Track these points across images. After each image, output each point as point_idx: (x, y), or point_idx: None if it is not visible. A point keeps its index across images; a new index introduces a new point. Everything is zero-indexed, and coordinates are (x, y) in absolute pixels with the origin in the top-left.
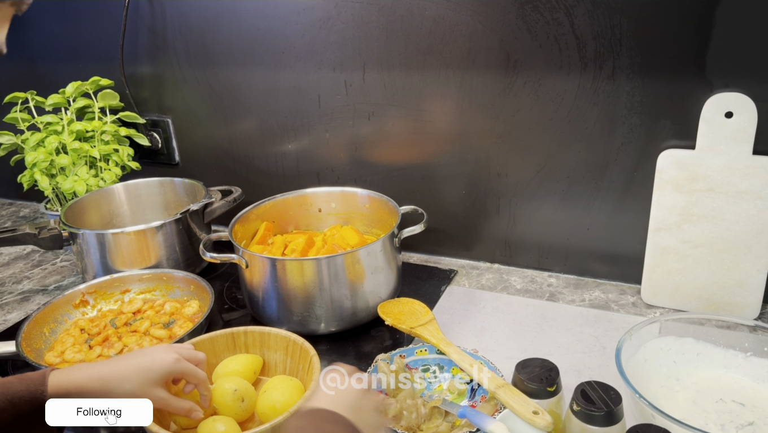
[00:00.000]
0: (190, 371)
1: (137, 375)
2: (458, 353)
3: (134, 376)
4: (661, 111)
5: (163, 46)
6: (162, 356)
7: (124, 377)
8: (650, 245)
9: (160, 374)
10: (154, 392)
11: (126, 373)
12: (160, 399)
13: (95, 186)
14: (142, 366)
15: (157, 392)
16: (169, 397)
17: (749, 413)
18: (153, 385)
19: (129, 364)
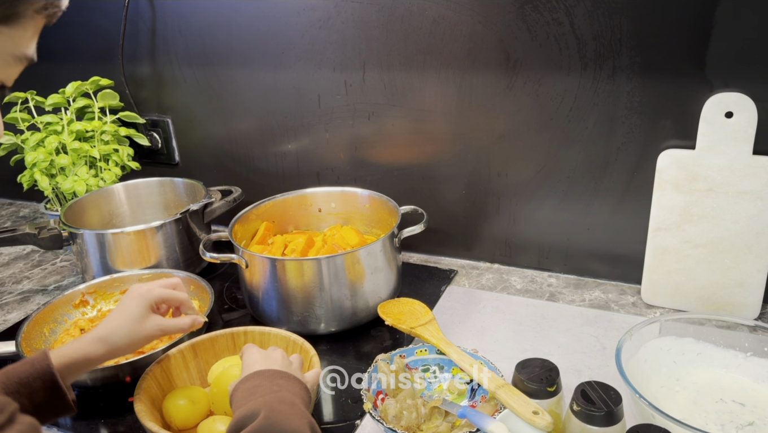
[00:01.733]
0: (168, 295)
1: (124, 319)
2: (458, 353)
3: (122, 321)
4: (661, 111)
5: (163, 46)
6: (136, 294)
7: (115, 327)
8: (650, 245)
9: (142, 307)
10: (147, 325)
11: (115, 323)
12: (156, 327)
13: (95, 186)
14: (124, 311)
15: (150, 322)
16: (164, 321)
17: (749, 413)
18: (142, 319)
19: (112, 316)
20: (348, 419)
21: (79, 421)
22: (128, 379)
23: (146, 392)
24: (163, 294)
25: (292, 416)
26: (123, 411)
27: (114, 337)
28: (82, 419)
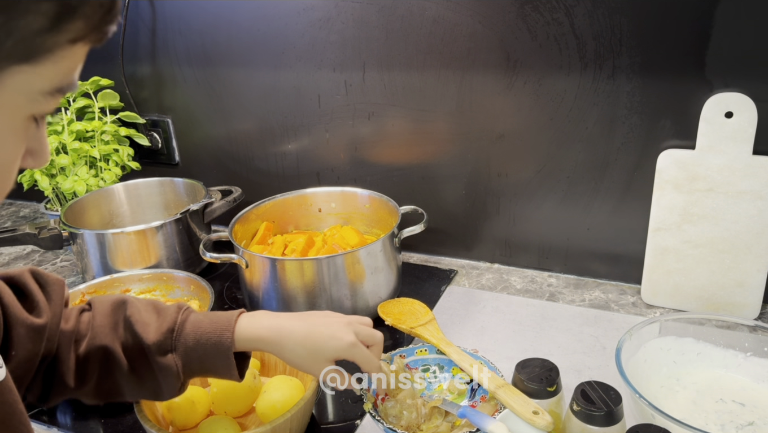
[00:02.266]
0: (362, 360)
1: (308, 349)
2: (458, 353)
3: (306, 347)
4: (661, 111)
5: (163, 47)
6: (339, 337)
7: (296, 344)
8: (650, 245)
9: (329, 356)
10: (318, 368)
11: (299, 341)
12: (318, 372)
13: (95, 186)
14: (316, 341)
15: (318, 366)
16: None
17: (749, 413)
18: (320, 362)
19: (306, 331)
20: (348, 419)
21: (79, 421)
22: None
23: None
24: (358, 359)
25: None
26: (123, 411)
27: (288, 350)
28: (82, 419)
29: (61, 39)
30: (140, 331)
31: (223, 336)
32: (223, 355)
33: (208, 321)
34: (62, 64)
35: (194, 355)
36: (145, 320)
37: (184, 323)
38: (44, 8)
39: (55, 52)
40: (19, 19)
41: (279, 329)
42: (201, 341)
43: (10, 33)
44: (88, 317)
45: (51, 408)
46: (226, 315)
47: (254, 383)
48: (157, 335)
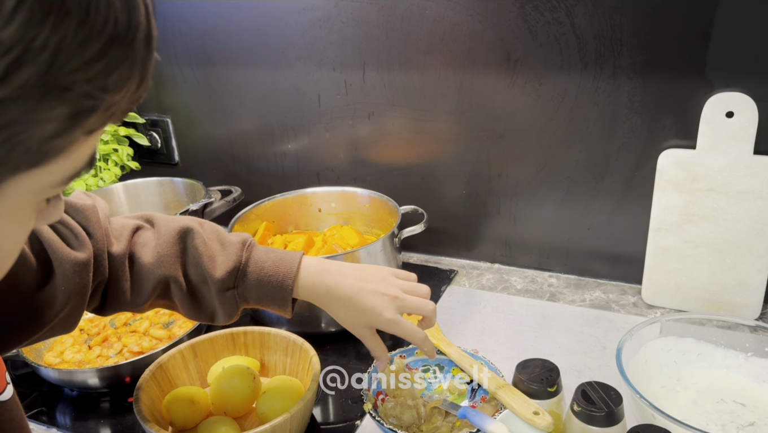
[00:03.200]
0: (404, 335)
1: (351, 313)
2: (458, 353)
3: (349, 311)
4: (661, 111)
5: (162, 46)
6: (379, 311)
7: (341, 306)
8: (651, 245)
9: (369, 325)
10: (358, 330)
11: (344, 303)
12: (362, 336)
13: (94, 186)
14: (358, 308)
15: (362, 331)
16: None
17: (750, 413)
18: (362, 327)
19: (352, 294)
20: (348, 420)
21: (79, 421)
22: (128, 379)
23: (146, 393)
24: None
25: None
26: (123, 411)
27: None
28: (82, 419)
29: (76, 135)
30: (206, 265)
31: (285, 282)
32: (282, 299)
33: (270, 262)
34: (77, 154)
35: (254, 292)
36: (211, 253)
37: (247, 262)
38: (56, 113)
39: (68, 149)
40: (23, 133)
41: (328, 287)
42: (262, 283)
43: (15, 147)
44: (145, 239)
45: (50, 409)
46: (288, 258)
47: (254, 384)
48: (222, 273)
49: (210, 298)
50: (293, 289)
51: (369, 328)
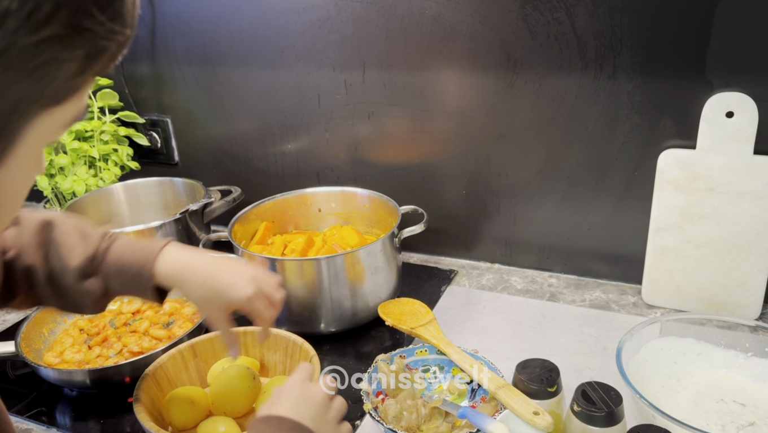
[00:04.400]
0: (256, 314)
1: (207, 291)
2: (458, 353)
3: (205, 289)
4: (661, 110)
5: (162, 46)
6: (239, 287)
7: (197, 284)
8: (651, 245)
9: (227, 303)
10: (211, 312)
11: (200, 281)
12: (213, 320)
13: (94, 186)
14: (215, 286)
15: (215, 313)
16: (223, 323)
17: (750, 413)
18: (217, 309)
19: (208, 273)
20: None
21: (79, 421)
22: (128, 379)
23: (146, 393)
24: (254, 312)
25: None
26: (122, 412)
27: (190, 289)
28: (82, 419)
29: (87, 76)
30: (64, 254)
31: (144, 268)
32: (143, 285)
33: (131, 251)
34: (83, 96)
35: (116, 280)
36: (70, 243)
37: (107, 250)
38: (79, 53)
39: (81, 89)
40: (57, 69)
41: (183, 266)
42: (123, 269)
43: (50, 83)
44: (13, 233)
45: (50, 409)
46: (149, 246)
47: (254, 384)
48: (80, 260)
49: (72, 287)
50: (153, 274)
51: (223, 310)
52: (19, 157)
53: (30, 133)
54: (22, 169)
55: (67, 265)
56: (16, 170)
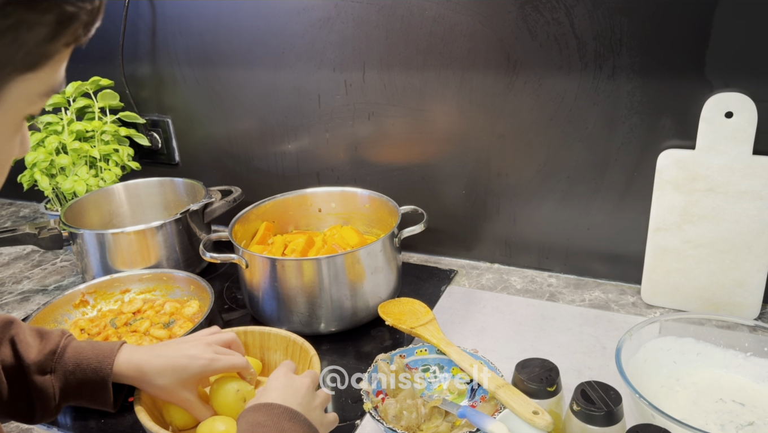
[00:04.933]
0: (225, 368)
1: (171, 373)
2: (458, 353)
3: (169, 373)
4: (661, 111)
5: (163, 47)
6: (198, 356)
7: (159, 372)
8: (650, 245)
9: (192, 376)
10: (180, 394)
11: (163, 368)
12: (185, 401)
13: (95, 186)
14: (178, 365)
15: (184, 393)
16: (194, 401)
17: (749, 413)
18: (183, 386)
19: (165, 361)
20: (348, 419)
21: (79, 421)
22: None
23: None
24: (222, 369)
25: None
26: (123, 411)
27: (152, 380)
28: (82, 419)
29: (60, 44)
30: (22, 351)
31: (104, 363)
32: (102, 382)
33: (90, 348)
34: (57, 66)
35: (73, 379)
36: (29, 341)
37: (66, 347)
38: (47, 19)
39: (54, 57)
40: (27, 33)
41: (138, 365)
42: (81, 366)
43: (20, 47)
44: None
45: None
46: (109, 345)
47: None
48: (39, 356)
49: (26, 388)
50: (112, 369)
51: (192, 388)
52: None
53: (6, 98)
54: (2, 137)
55: (25, 360)
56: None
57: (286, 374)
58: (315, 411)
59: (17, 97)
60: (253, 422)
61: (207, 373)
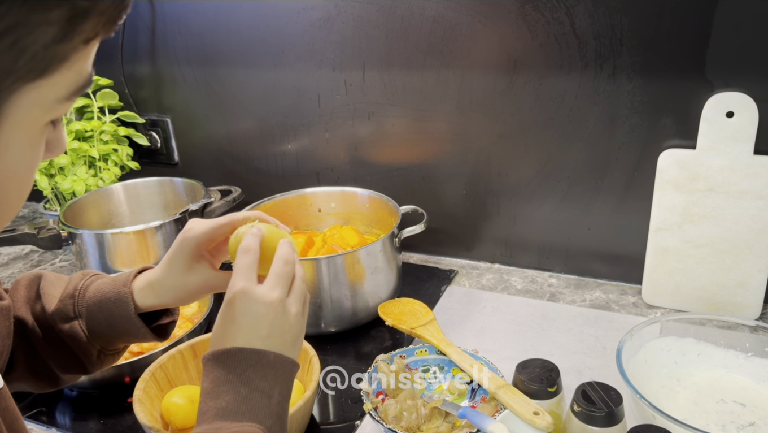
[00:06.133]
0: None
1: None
2: (458, 353)
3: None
4: (661, 110)
5: (162, 46)
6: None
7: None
8: (651, 245)
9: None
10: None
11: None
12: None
13: (94, 186)
14: (174, 246)
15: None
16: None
17: (750, 413)
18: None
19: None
20: (348, 420)
21: (79, 421)
22: (128, 379)
23: (145, 393)
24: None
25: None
26: (122, 412)
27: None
28: (82, 420)
29: (75, 43)
30: (45, 302)
31: (122, 291)
32: (126, 313)
33: (110, 280)
34: (77, 65)
35: (101, 317)
36: (53, 291)
37: (87, 288)
38: (54, 17)
39: (70, 58)
40: (28, 35)
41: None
42: (103, 302)
43: (22, 52)
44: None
45: (50, 409)
46: (126, 273)
47: None
48: (59, 303)
49: (60, 339)
50: (132, 293)
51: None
52: (5, 137)
53: (13, 111)
54: (16, 151)
55: (47, 310)
56: (5, 151)
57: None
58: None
59: (29, 107)
60: (214, 378)
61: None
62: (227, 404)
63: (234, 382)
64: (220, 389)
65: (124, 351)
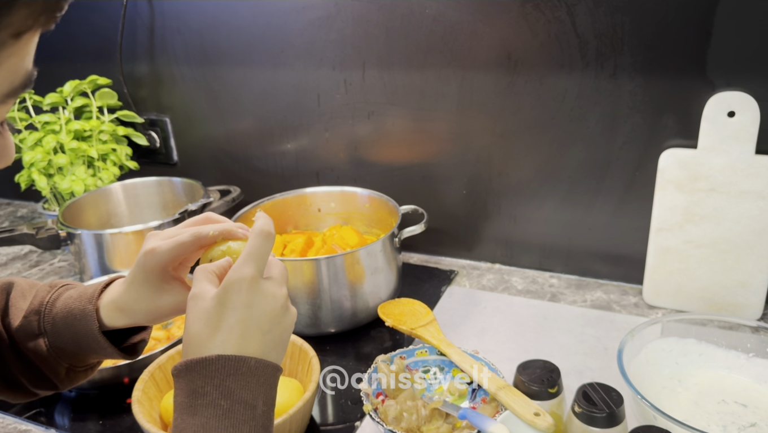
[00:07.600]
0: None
1: (136, 281)
2: (459, 354)
3: (135, 279)
4: (663, 110)
5: (161, 45)
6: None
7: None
8: (652, 245)
9: (158, 257)
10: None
11: (131, 278)
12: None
13: (93, 186)
14: (138, 262)
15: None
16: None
17: (751, 414)
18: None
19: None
20: (348, 420)
21: (78, 422)
22: (126, 380)
23: (144, 393)
24: (170, 252)
25: None
26: (121, 412)
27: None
28: (81, 420)
29: (3, 37)
30: (12, 315)
31: (86, 309)
32: (90, 332)
33: (77, 295)
34: (9, 63)
35: (67, 335)
36: (21, 304)
37: (54, 302)
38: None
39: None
40: None
41: (112, 297)
42: (68, 318)
43: None
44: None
45: (49, 410)
46: (94, 286)
47: None
48: (23, 319)
49: (26, 356)
50: (98, 310)
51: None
52: None
53: None
54: None
55: (12, 327)
56: None
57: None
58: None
59: None
60: (189, 391)
61: (161, 247)
62: (207, 420)
63: (212, 394)
64: (197, 403)
65: (98, 367)
